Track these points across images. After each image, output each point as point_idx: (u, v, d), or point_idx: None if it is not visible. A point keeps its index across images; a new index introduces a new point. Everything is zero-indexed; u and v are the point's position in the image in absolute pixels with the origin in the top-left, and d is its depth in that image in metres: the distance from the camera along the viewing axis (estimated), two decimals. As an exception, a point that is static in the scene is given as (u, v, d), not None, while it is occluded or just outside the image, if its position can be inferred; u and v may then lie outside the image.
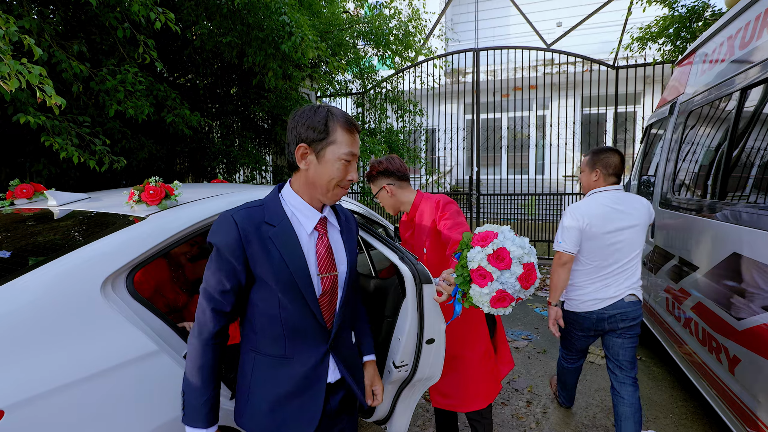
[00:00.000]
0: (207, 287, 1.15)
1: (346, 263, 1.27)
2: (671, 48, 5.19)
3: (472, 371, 1.93)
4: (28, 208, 2.09)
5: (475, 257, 1.12)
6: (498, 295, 1.11)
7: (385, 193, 2.00)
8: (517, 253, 1.11)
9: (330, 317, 1.23)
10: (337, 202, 1.38)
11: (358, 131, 1.22)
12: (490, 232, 1.13)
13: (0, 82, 1.64)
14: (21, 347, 1.14)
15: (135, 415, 1.31)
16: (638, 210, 2.15)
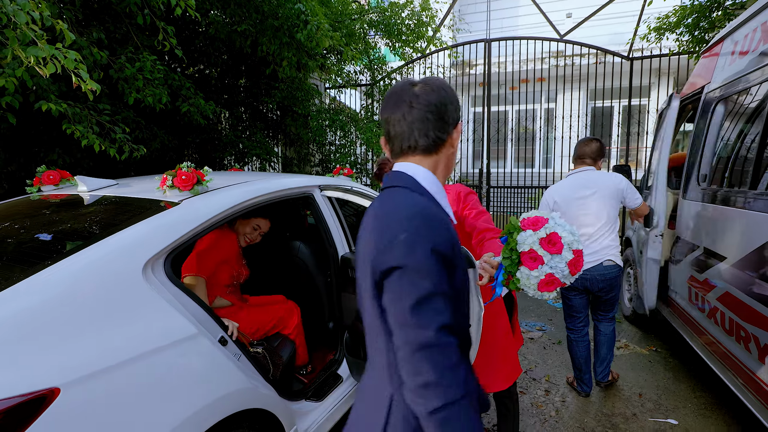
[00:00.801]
0: (443, 314, 0.81)
1: None
2: (689, 38, 5.12)
3: (495, 351, 1.94)
4: (56, 194, 2.10)
5: (527, 240, 1.12)
6: (547, 279, 1.12)
7: None
8: (568, 239, 1.12)
9: None
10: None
11: None
12: (540, 218, 1.14)
13: (36, 67, 1.63)
14: (72, 328, 1.15)
15: (180, 396, 1.32)
16: (597, 182, 2.62)
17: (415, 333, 0.79)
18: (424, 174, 0.97)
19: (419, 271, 0.80)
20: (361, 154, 6.87)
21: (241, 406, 1.51)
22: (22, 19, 1.55)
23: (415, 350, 0.79)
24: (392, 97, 0.97)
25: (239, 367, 1.56)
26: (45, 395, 1.03)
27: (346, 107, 6.66)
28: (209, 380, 1.43)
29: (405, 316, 0.80)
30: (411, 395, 0.80)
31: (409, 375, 0.79)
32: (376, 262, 0.84)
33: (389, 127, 0.98)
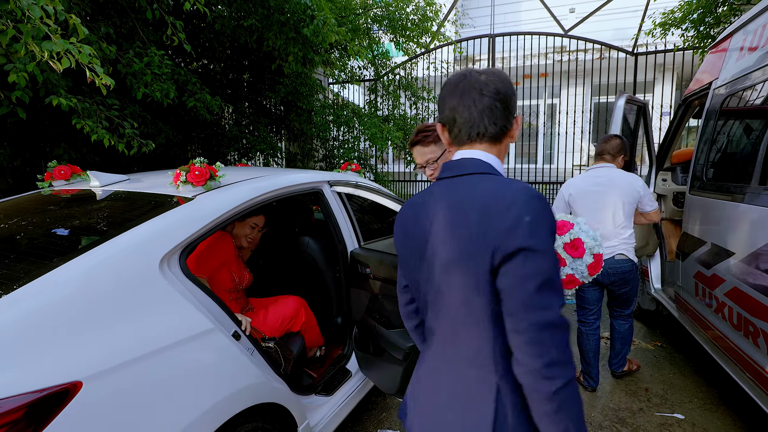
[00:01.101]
0: (559, 294, 0.85)
1: None
2: (694, 34, 5.10)
3: None
4: (67, 189, 2.11)
5: None
6: (567, 279, 1.16)
7: (447, 156, 1.86)
8: (590, 244, 1.19)
9: None
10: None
11: None
12: (566, 222, 1.18)
13: (50, 61, 1.63)
14: (93, 322, 1.16)
15: (199, 389, 1.33)
16: (614, 179, 2.65)
17: (541, 313, 0.80)
18: (497, 162, 0.98)
19: (544, 252, 0.81)
20: (365, 149, 6.87)
21: (255, 400, 1.53)
22: (37, 14, 1.55)
23: (541, 330, 0.80)
24: (459, 85, 0.96)
25: (253, 362, 1.57)
26: (68, 389, 1.04)
27: (349, 102, 6.65)
28: (226, 374, 1.44)
29: (531, 298, 0.80)
30: (533, 378, 0.81)
31: (534, 356, 0.80)
32: (497, 245, 0.82)
33: (454, 114, 0.97)
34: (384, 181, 6.88)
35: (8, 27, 1.67)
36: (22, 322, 1.07)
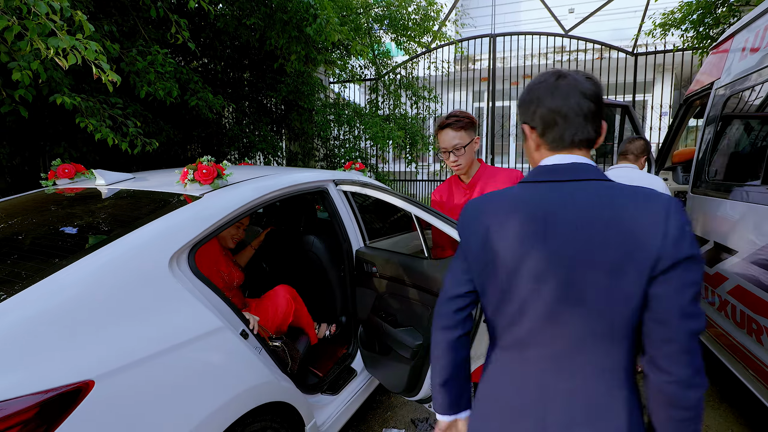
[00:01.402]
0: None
1: None
2: (693, 35, 5.12)
3: None
4: (72, 187, 2.10)
5: None
6: None
7: (475, 145, 1.89)
8: None
9: None
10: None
11: None
12: None
13: (56, 58, 1.62)
14: (104, 320, 1.16)
15: (209, 388, 1.33)
16: (633, 179, 2.64)
17: (695, 322, 0.79)
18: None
19: (701, 261, 0.81)
20: (365, 149, 6.87)
21: (264, 399, 1.53)
22: (43, 9, 1.54)
23: (693, 338, 0.80)
24: (559, 85, 0.92)
25: (261, 361, 1.57)
26: (80, 387, 1.04)
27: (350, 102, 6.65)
28: (235, 373, 1.44)
29: (689, 306, 0.79)
30: (679, 387, 0.80)
31: (686, 365, 0.79)
32: (662, 254, 0.80)
33: (556, 116, 0.92)
34: (385, 180, 6.88)
35: (14, 23, 1.66)
36: (32, 322, 1.07)
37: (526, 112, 0.97)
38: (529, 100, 0.96)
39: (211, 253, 2.23)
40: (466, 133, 1.85)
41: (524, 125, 0.99)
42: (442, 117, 1.88)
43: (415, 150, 6.19)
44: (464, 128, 1.84)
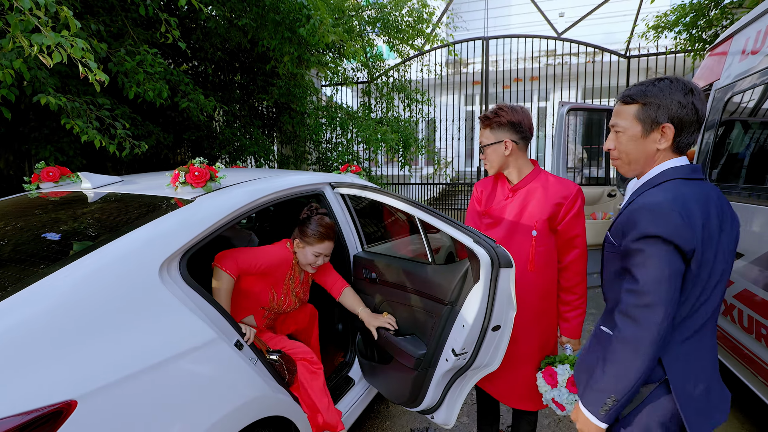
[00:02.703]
0: None
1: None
2: (686, 37, 5.15)
3: (532, 366, 1.81)
4: (56, 191, 2.00)
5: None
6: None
7: (503, 148, 1.72)
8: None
9: None
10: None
11: None
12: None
13: (40, 56, 1.53)
14: (88, 335, 1.07)
15: (201, 405, 1.24)
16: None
17: None
18: None
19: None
20: (359, 152, 6.80)
21: (261, 414, 1.44)
22: (26, 4, 1.45)
23: None
24: (701, 93, 1.10)
25: (257, 373, 1.49)
26: (61, 409, 0.95)
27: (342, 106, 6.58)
28: (230, 387, 1.35)
29: None
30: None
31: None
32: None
33: (699, 125, 1.12)
34: (378, 183, 6.82)
35: (-6, 20, 1.56)
36: (8, 336, 0.98)
37: (680, 114, 1.10)
38: (687, 104, 1.10)
39: (279, 270, 2.00)
40: (492, 133, 1.73)
41: (667, 124, 1.11)
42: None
43: (408, 153, 6.14)
44: (490, 127, 1.73)
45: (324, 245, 2.00)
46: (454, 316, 1.65)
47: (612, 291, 1.21)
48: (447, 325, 1.68)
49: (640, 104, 1.14)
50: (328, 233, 1.99)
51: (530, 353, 1.78)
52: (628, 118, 1.17)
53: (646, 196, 1.10)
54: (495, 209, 1.81)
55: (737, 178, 2.49)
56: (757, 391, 2.12)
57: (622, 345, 1.04)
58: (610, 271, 1.22)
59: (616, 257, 1.17)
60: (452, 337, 1.65)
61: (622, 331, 1.05)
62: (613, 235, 1.18)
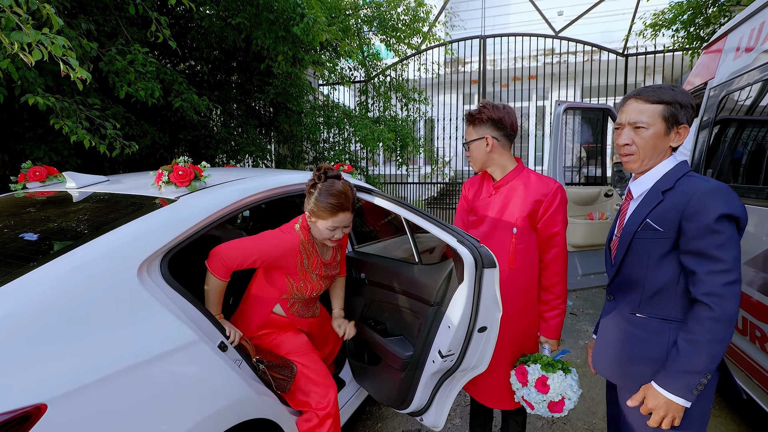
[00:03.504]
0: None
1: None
2: (684, 35, 5.12)
3: (508, 363, 1.82)
4: (42, 191, 1.98)
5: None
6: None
7: (484, 145, 1.71)
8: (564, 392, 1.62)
9: None
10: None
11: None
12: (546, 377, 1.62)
13: (21, 54, 1.51)
14: (60, 337, 1.05)
15: (179, 409, 1.22)
16: None
17: None
18: None
19: None
20: (356, 151, 6.78)
21: (243, 417, 1.42)
22: (6, 2, 1.43)
23: None
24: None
25: (241, 375, 1.46)
26: (30, 413, 0.93)
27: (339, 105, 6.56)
28: (211, 390, 1.33)
29: None
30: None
31: None
32: None
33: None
34: (375, 183, 6.79)
35: (-25, 18, 1.54)
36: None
37: (692, 118, 1.25)
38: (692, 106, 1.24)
39: (288, 259, 1.75)
40: (474, 130, 1.74)
41: (685, 125, 1.25)
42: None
43: (405, 152, 6.12)
44: (473, 124, 1.74)
45: (338, 218, 1.69)
46: (439, 317, 1.63)
47: (655, 276, 1.25)
48: (433, 327, 1.66)
49: (666, 104, 1.24)
50: (340, 203, 1.67)
51: (508, 352, 1.77)
52: (654, 116, 1.25)
53: (695, 184, 1.18)
54: (479, 206, 1.82)
55: (732, 178, 2.47)
56: (754, 395, 2.09)
57: (719, 323, 1.09)
58: (650, 257, 1.26)
59: (660, 242, 1.22)
60: (438, 339, 1.63)
61: (717, 311, 1.09)
62: (657, 222, 1.23)
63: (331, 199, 1.67)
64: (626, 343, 1.32)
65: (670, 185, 1.24)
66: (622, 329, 1.34)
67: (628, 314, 1.32)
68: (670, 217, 1.20)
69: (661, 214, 1.22)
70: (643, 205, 1.29)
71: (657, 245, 1.24)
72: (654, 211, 1.24)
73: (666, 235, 1.21)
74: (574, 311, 4.23)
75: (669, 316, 1.24)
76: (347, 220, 1.73)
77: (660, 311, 1.25)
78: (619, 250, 1.34)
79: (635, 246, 1.29)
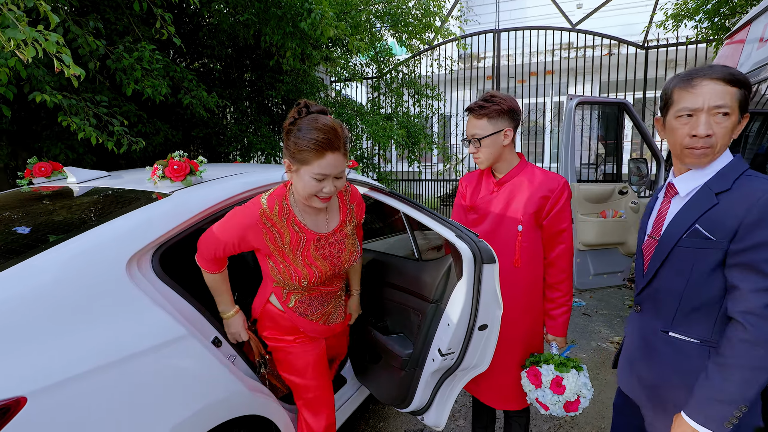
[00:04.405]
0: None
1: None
2: (708, 26, 4.91)
3: (516, 364, 1.77)
4: (45, 186, 2.01)
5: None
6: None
7: (501, 138, 1.61)
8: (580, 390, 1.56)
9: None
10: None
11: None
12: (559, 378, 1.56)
13: (17, 51, 1.52)
14: (43, 329, 1.05)
15: (164, 404, 1.21)
16: None
17: None
18: None
19: None
20: (368, 148, 6.75)
21: (234, 413, 1.41)
22: (0, -1, 1.45)
23: None
24: None
25: (232, 371, 1.45)
26: (9, 406, 0.93)
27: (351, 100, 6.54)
28: (199, 386, 1.32)
29: None
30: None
31: None
32: None
33: None
34: (387, 180, 6.76)
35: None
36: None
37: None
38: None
39: (244, 236, 1.41)
40: (490, 123, 1.60)
41: (747, 114, 1.10)
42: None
43: (417, 149, 6.05)
44: (488, 116, 1.60)
45: (326, 160, 1.27)
46: (439, 314, 1.59)
47: (697, 291, 1.09)
48: (432, 324, 1.62)
49: (742, 87, 1.05)
50: (328, 140, 1.25)
51: (514, 352, 1.72)
52: (734, 101, 1.05)
53: (760, 186, 1.02)
54: (480, 204, 1.75)
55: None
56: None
57: (755, 347, 0.95)
58: (694, 268, 1.09)
59: (710, 253, 1.05)
60: (438, 337, 1.59)
61: (752, 333, 0.96)
62: (709, 229, 1.06)
63: (316, 134, 1.25)
64: (656, 364, 1.18)
65: (727, 186, 1.06)
66: (652, 347, 1.20)
67: (660, 332, 1.17)
68: (727, 224, 1.02)
69: (715, 220, 1.05)
70: (692, 206, 1.11)
71: (705, 256, 1.06)
72: (706, 215, 1.07)
73: (718, 245, 1.04)
74: (587, 312, 4.13)
75: (707, 339, 1.08)
76: (339, 164, 1.30)
77: (698, 332, 1.09)
78: (655, 256, 1.18)
79: (677, 254, 1.12)
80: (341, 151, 1.31)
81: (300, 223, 1.44)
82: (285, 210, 1.42)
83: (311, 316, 1.56)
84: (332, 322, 1.63)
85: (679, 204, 1.17)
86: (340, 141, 1.30)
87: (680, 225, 1.12)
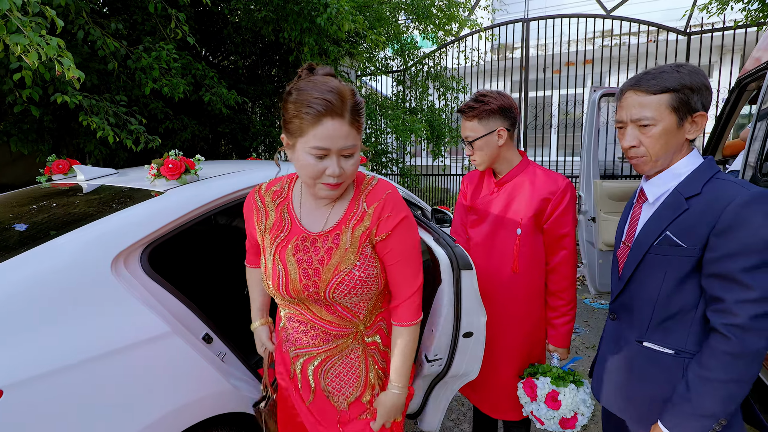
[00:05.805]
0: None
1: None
2: (758, 7, 4.51)
3: (513, 372, 1.70)
4: (64, 182, 2.11)
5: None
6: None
7: (496, 138, 1.54)
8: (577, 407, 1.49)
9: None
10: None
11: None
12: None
13: (23, 55, 1.60)
14: (22, 324, 1.09)
15: (143, 400, 1.24)
16: None
17: None
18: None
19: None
20: (392, 143, 6.70)
21: (219, 410, 1.43)
22: (5, 6, 1.51)
23: None
24: None
25: (220, 368, 1.47)
26: (-14, 397, 0.97)
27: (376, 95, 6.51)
28: (182, 383, 1.34)
29: None
30: None
31: None
32: None
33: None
34: (410, 175, 6.70)
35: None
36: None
37: (708, 100, 1.07)
38: (710, 90, 1.07)
39: (249, 219, 1.25)
40: (481, 124, 1.52)
41: (702, 112, 1.06)
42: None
43: (441, 143, 5.95)
44: (478, 117, 1.52)
45: (326, 126, 0.97)
46: (423, 319, 1.54)
47: (670, 299, 1.06)
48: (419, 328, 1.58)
49: (672, 92, 1.04)
50: (328, 103, 0.96)
51: (512, 361, 1.65)
52: (660, 109, 1.05)
53: (729, 190, 0.98)
54: (480, 204, 1.68)
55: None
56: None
57: (738, 360, 0.93)
58: (666, 276, 1.06)
59: (682, 261, 1.03)
60: (424, 342, 1.55)
61: (737, 345, 0.93)
62: (680, 236, 1.03)
63: (311, 94, 0.97)
64: (632, 376, 1.15)
65: (697, 190, 1.03)
66: (626, 358, 1.17)
67: (634, 342, 1.15)
68: (697, 231, 1.00)
69: (686, 227, 1.03)
70: (662, 212, 1.09)
71: (677, 263, 1.04)
72: (676, 221, 1.05)
73: (690, 252, 1.01)
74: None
75: (683, 348, 1.06)
76: (342, 135, 0.99)
77: (672, 341, 1.07)
78: (628, 263, 1.16)
79: (649, 261, 1.09)
80: (346, 119, 0.99)
81: (292, 212, 1.16)
82: (282, 192, 1.19)
83: (294, 349, 1.21)
84: (324, 389, 1.21)
85: (650, 210, 1.13)
86: (344, 106, 0.99)
87: (651, 232, 1.10)
